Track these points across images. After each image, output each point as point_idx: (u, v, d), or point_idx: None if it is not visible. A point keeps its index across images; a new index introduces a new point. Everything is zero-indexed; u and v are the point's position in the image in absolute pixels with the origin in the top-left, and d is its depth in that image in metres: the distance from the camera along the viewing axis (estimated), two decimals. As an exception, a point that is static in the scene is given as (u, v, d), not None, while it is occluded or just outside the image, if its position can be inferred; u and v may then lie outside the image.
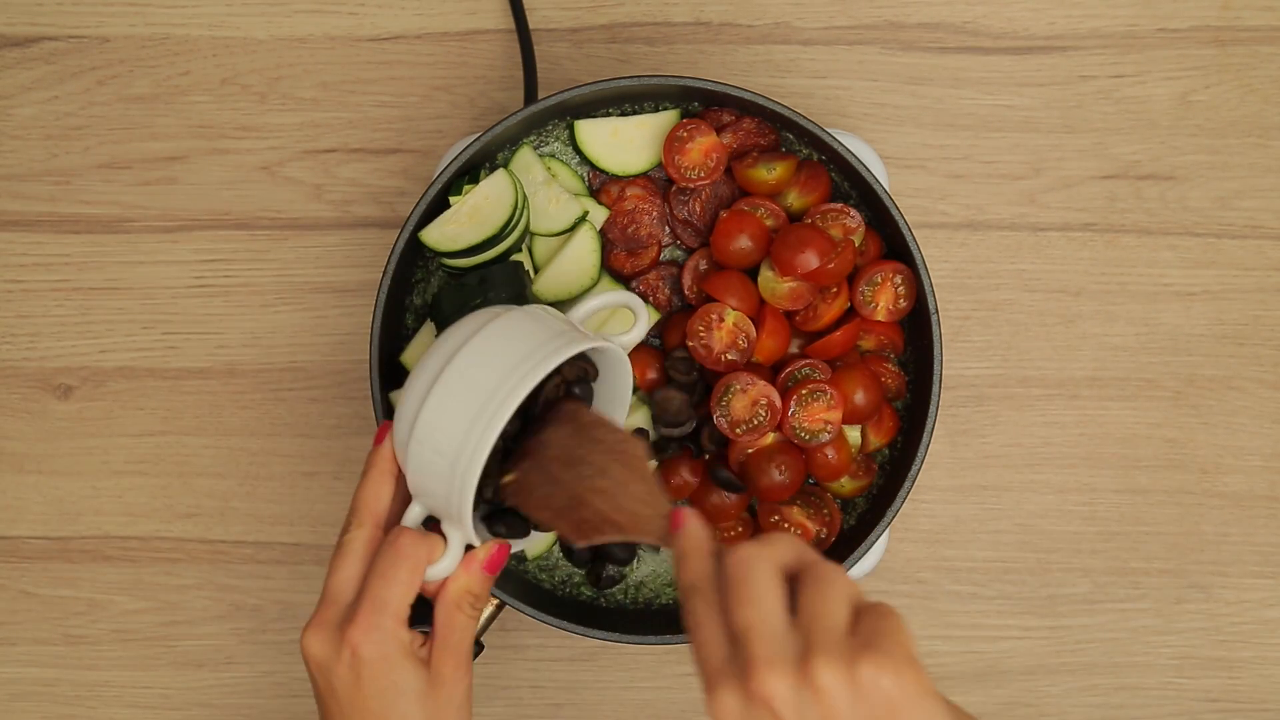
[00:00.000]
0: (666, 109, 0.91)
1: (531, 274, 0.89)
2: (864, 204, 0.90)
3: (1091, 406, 0.99)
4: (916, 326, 0.90)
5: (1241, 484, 0.99)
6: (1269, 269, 0.99)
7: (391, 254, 0.86)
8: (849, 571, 0.87)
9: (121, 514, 1.00)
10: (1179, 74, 0.99)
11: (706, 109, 0.91)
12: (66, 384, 1.00)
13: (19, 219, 1.00)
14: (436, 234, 0.87)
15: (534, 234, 0.90)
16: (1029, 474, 0.99)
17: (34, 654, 1.00)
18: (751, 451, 0.88)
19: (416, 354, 0.90)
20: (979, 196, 0.99)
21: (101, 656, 1.00)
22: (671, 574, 0.92)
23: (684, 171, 0.89)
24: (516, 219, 0.87)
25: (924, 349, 0.88)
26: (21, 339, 1.00)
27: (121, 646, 1.00)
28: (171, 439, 1.00)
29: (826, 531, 0.89)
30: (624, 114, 0.91)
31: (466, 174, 0.88)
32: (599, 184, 0.92)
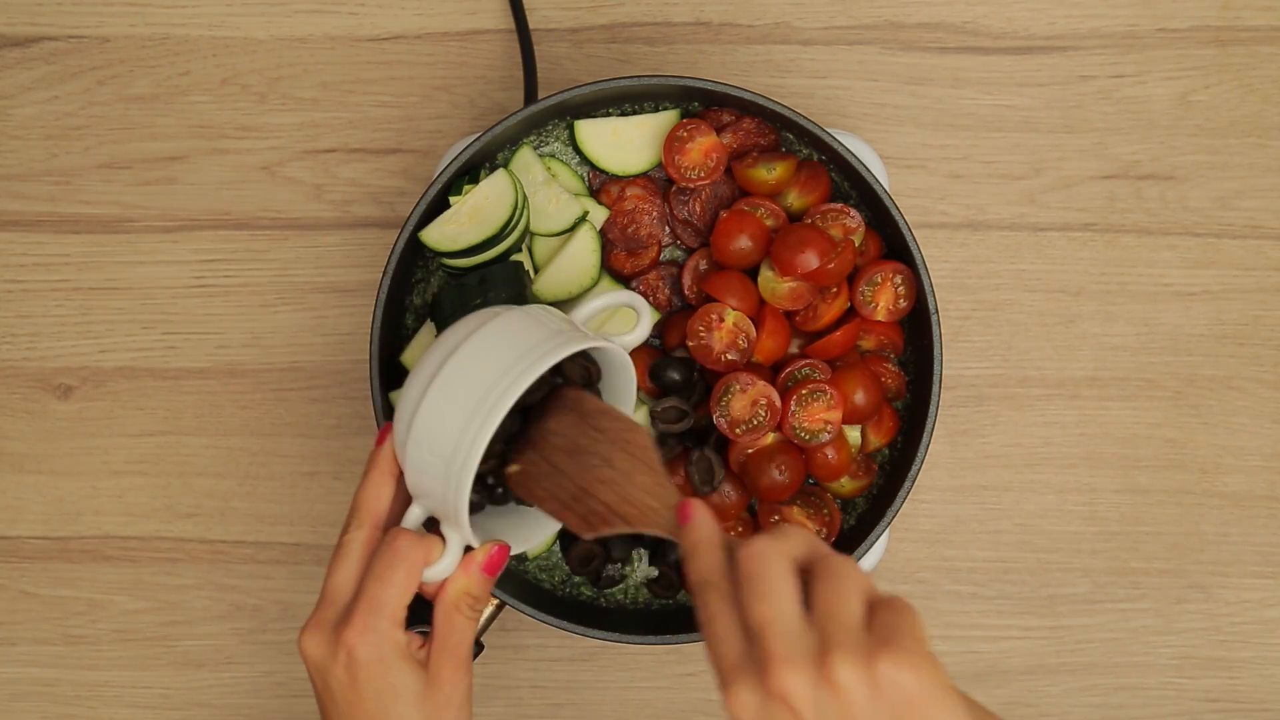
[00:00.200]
0: (666, 109, 0.91)
1: (531, 274, 0.89)
2: (864, 204, 0.90)
3: (1091, 406, 0.99)
4: (916, 326, 0.90)
5: (1241, 484, 0.99)
6: (1269, 269, 0.99)
7: (391, 254, 0.86)
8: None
9: (121, 514, 1.00)
10: (1179, 74, 0.99)
11: (706, 109, 0.91)
12: (66, 384, 1.00)
13: (19, 219, 1.00)
14: (436, 234, 0.86)
15: (534, 234, 0.90)
16: (1029, 474, 0.99)
17: (34, 654, 1.00)
18: (751, 451, 0.88)
19: (416, 354, 0.90)
20: (979, 196, 0.99)
21: (101, 656, 1.00)
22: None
23: (684, 171, 0.89)
24: (516, 219, 0.87)
25: (924, 349, 0.88)
26: (21, 339, 1.00)
27: (121, 646, 1.00)
28: (171, 439, 1.00)
29: (826, 531, 0.89)
30: (624, 114, 0.91)
31: (466, 174, 0.88)
32: (599, 184, 0.92)
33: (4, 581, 1.00)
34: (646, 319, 0.78)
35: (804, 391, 0.86)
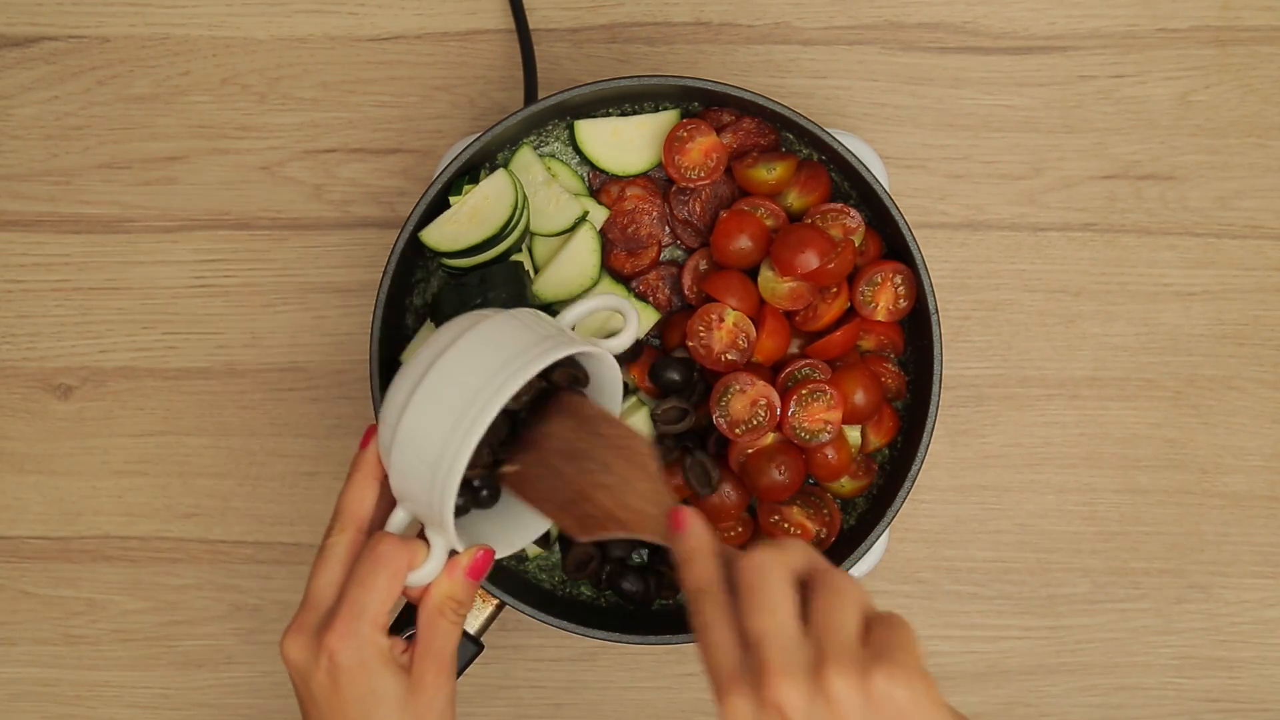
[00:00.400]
0: (666, 109, 0.91)
1: (531, 274, 0.89)
2: (864, 204, 0.90)
3: (1091, 406, 0.99)
4: (916, 326, 0.90)
5: (1241, 484, 0.99)
6: (1269, 269, 0.99)
7: (391, 254, 0.86)
8: (849, 572, 0.87)
9: (121, 514, 1.00)
10: (1179, 74, 0.99)
11: (706, 109, 0.91)
12: (66, 384, 1.00)
13: (19, 219, 1.00)
14: (436, 234, 0.87)
15: (534, 234, 0.90)
16: (1029, 474, 0.99)
17: (34, 654, 1.00)
18: (751, 451, 0.88)
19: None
20: (979, 196, 0.99)
21: (101, 656, 1.00)
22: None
23: (684, 171, 0.89)
24: (516, 219, 0.87)
25: (924, 349, 0.88)
26: (21, 339, 1.00)
27: (121, 646, 1.00)
28: (171, 439, 1.00)
29: (826, 531, 0.89)
30: (624, 114, 0.91)
31: (466, 174, 0.88)
32: (599, 184, 0.92)
33: (4, 581, 1.00)
34: (633, 323, 0.77)
35: (804, 391, 0.86)
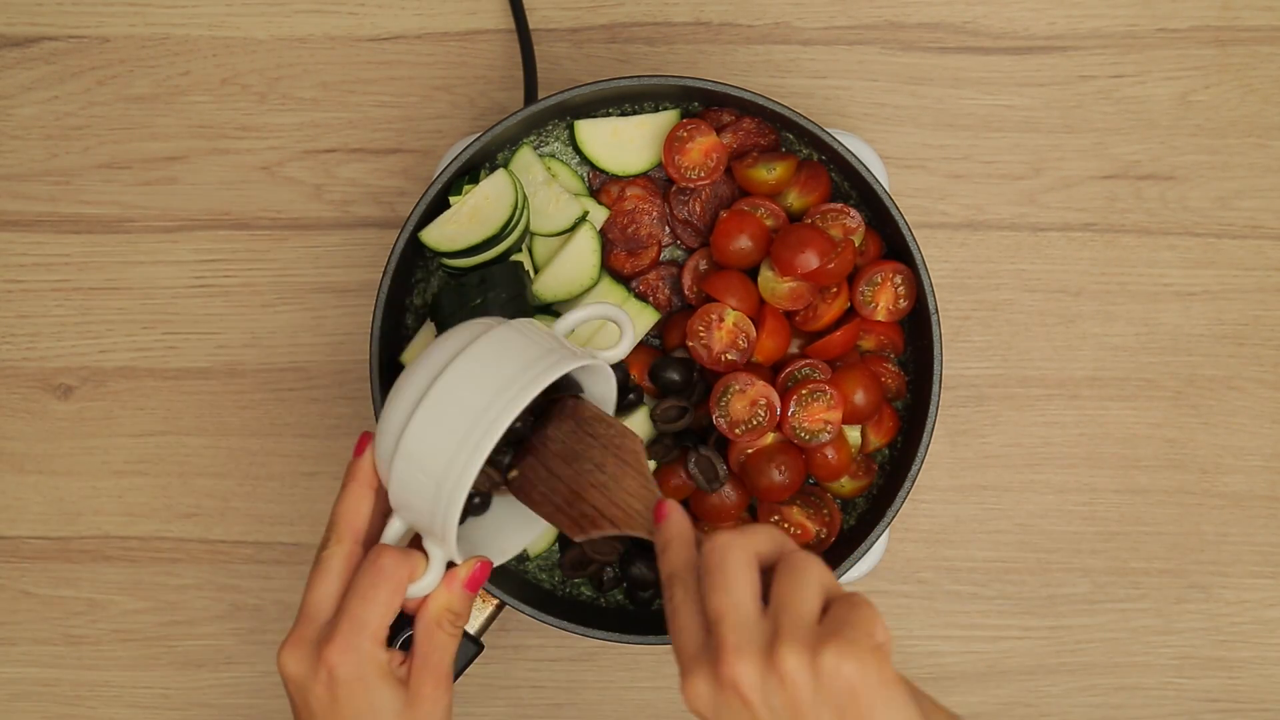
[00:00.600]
0: (666, 109, 0.91)
1: (531, 274, 0.89)
2: (864, 204, 0.90)
3: (1091, 406, 0.99)
4: (916, 326, 0.90)
5: (1241, 484, 0.99)
6: (1269, 269, 0.99)
7: (391, 254, 0.86)
8: (849, 572, 0.88)
9: (121, 514, 1.00)
10: (1179, 74, 0.99)
11: (706, 109, 0.91)
12: (66, 384, 1.00)
13: (19, 219, 1.00)
14: (436, 234, 0.87)
15: (534, 234, 0.90)
16: (1029, 474, 0.99)
17: (34, 654, 1.00)
18: (751, 451, 0.88)
19: (416, 354, 0.90)
20: (979, 196, 0.99)
21: (101, 656, 1.00)
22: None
23: (684, 171, 0.89)
24: (516, 219, 0.87)
25: (924, 349, 0.88)
26: (21, 339, 1.00)
27: (121, 646, 1.00)
28: (171, 439, 1.00)
29: (826, 531, 0.89)
30: (624, 114, 0.91)
31: (466, 174, 0.88)
32: (599, 184, 0.92)
33: (4, 581, 1.00)
34: (629, 334, 0.76)
35: (804, 391, 0.86)
